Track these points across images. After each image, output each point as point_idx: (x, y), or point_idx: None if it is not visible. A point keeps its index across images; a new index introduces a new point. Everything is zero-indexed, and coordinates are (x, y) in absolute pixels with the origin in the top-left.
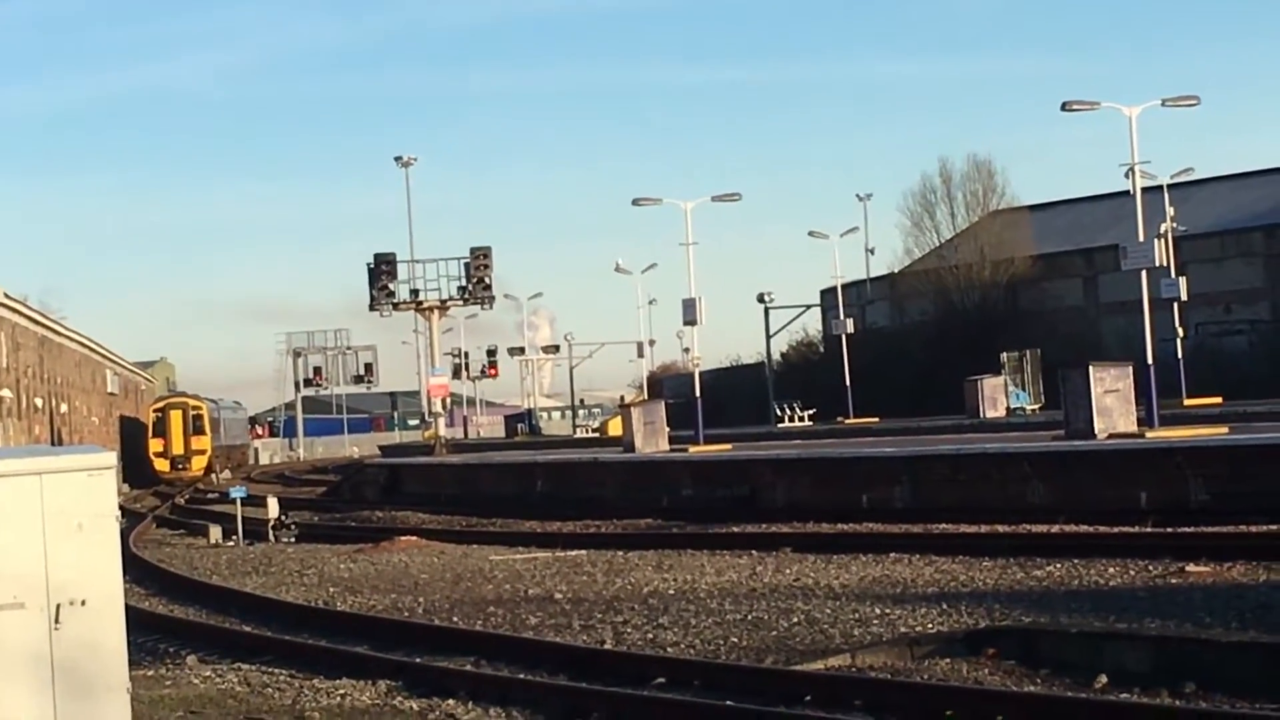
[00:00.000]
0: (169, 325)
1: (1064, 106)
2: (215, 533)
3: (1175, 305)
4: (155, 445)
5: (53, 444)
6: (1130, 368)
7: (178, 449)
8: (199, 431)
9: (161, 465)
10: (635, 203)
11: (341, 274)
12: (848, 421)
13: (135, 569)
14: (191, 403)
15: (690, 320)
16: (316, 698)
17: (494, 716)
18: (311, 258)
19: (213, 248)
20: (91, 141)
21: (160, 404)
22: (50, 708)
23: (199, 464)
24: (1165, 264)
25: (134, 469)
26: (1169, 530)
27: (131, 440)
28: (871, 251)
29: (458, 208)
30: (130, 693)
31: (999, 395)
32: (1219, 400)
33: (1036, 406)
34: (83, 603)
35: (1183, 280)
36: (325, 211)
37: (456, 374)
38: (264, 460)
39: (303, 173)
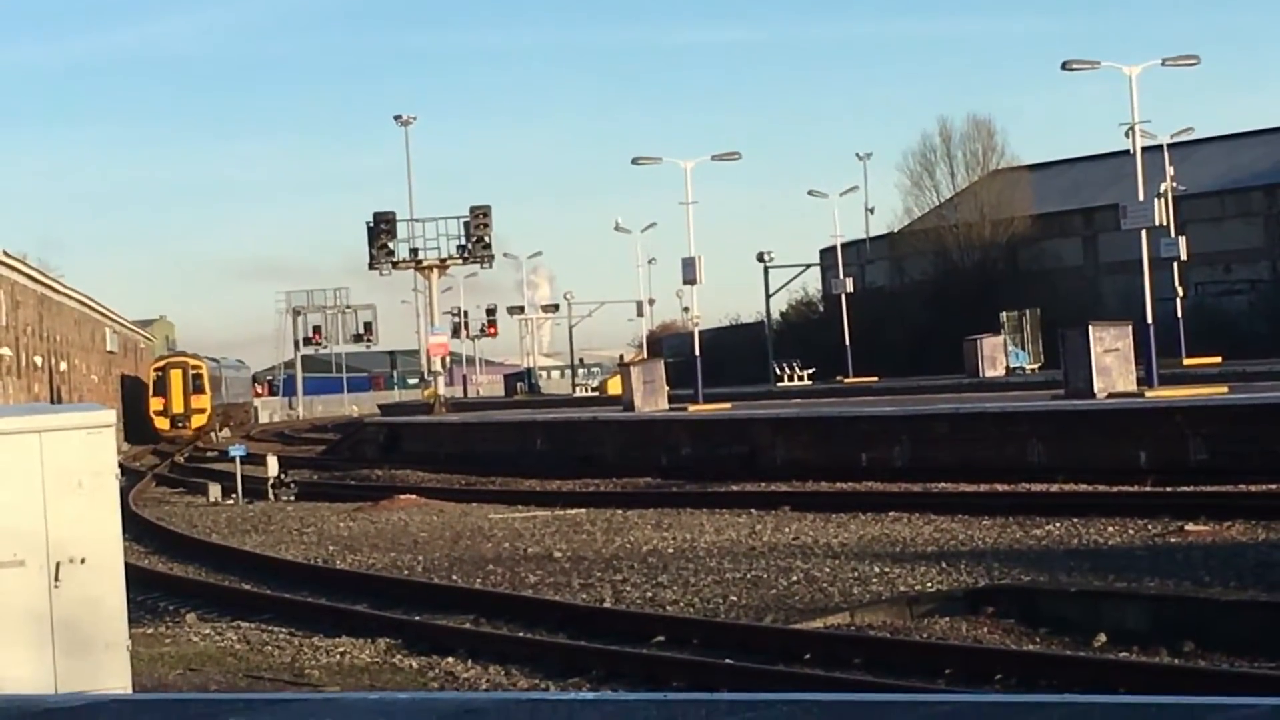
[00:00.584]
0: (168, 284)
1: (1064, 66)
2: (215, 491)
3: (1175, 265)
4: (156, 404)
5: (52, 402)
6: (1130, 327)
7: (178, 408)
8: (199, 390)
9: (162, 423)
10: (635, 161)
11: (341, 233)
12: (847, 381)
13: (135, 527)
14: (191, 362)
15: (690, 279)
16: (316, 656)
17: (493, 674)
18: (311, 216)
19: (212, 206)
20: (89, 98)
21: (161, 363)
22: (50, 665)
23: (198, 422)
24: (1165, 223)
25: (135, 427)
26: (1168, 489)
27: (132, 398)
28: (871, 211)
29: (457, 166)
30: (130, 650)
31: (998, 355)
32: (1218, 360)
33: (1036, 366)
34: (82, 560)
35: (1182, 240)
36: (325, 170)
37: (456, 333)
38: (263, 419)
39: (302, 131)
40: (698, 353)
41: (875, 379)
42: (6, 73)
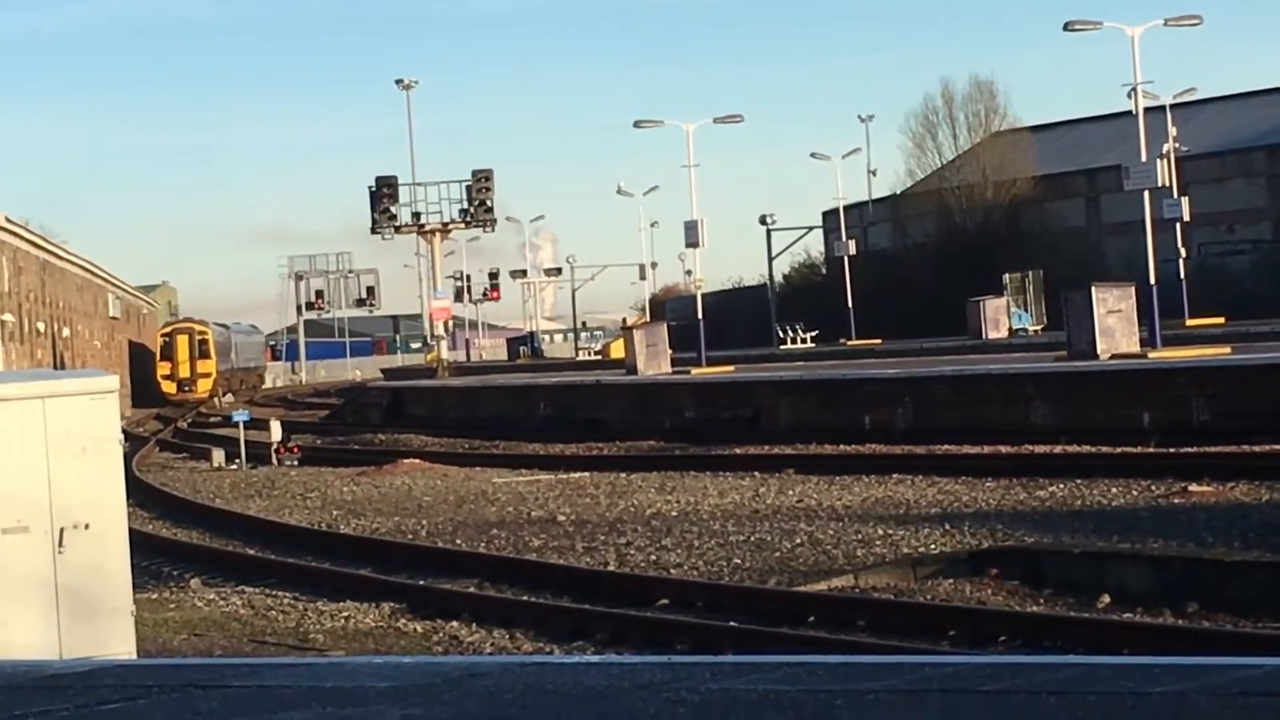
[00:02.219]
0: (170, 249)
1: (1066, 26)
2: (218, 456)
3: (1177, 225)
4: (163, 368)
5: (55, 368)
6: (1133, 288)
7: (184, 372)
8: (204, 355)
9: (169, 387)
10: (637, 125)
11: (343, 197)
12: (850, 343)
13: (138, 492)
14: (197, 328)
15: (692, 242)
16: (320, 620)
17: (498, 638)
18: (313, 181)
19: (214, 171)
20: (90, 63)
21: (168, 329)
22: (55, 630)
23: (204, 386)
24: (1167, 184)
25: (142, 392)
26: (1171, 450)
27: (139, 364)
28: (873, 173)
29: (459, 130)
30: (134, 615)
31: (1001, 316)
32: (1221, 320)
33: (1039, 327)
34: (86, 526)
35: (1185, 200)
36: (327, 134)
37: (459, 297)
38: (266, 384)
39: (303, 95)
40: (701, 316)
41: (878, 341)
42: (7, 37)
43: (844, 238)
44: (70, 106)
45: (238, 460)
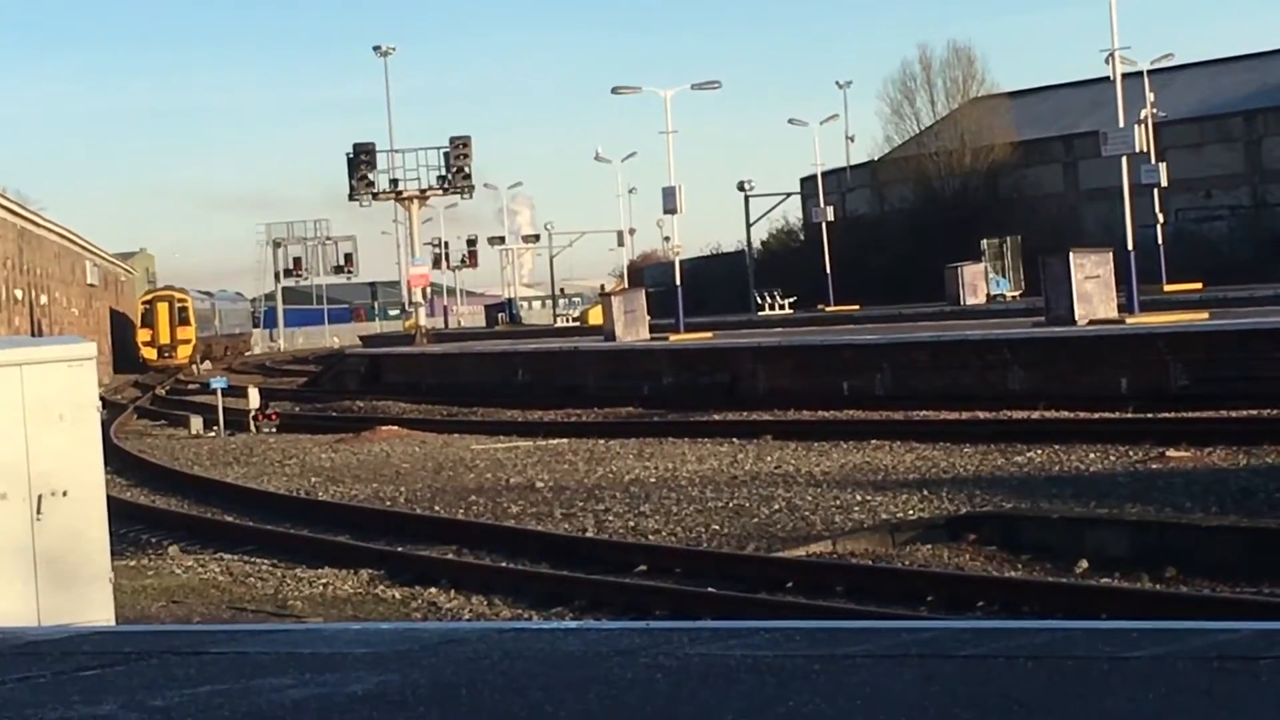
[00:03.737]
0: (147, 215)
1: None
2: (196, 423)
3: (1155, 191)
4: (143, 335)
5: (33, 335)
6: (1110, 254)
7: (164, 339)
8: (184, 322)
9: (149, 354)
10: (615, 91)
11: (321, 164)
12: (828, 309)
13: (116, 460)
14: (177, 295)
15: (670, 209)
16: (299, 587)
17: (476, 605)
18: (291, 147)
19: (191, 137)
20: (65, 27)
21: (148, 296)
22: (33, 598)
23: (184, 353)
24: (1145, 150)
25: (122, 359)
26: (1149, 415)
27: (120, 331)
28: (851, 139)
29: (437, 97)
30: (113, 582)
31: (979, 282)
32: (1199, 286)
33: (1017, 293)
34: (64, 493)
35: (1163, 166)
36: (304, 101)
37: (436, 264)
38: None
39: (281, 61)
40: (679, 282)
41: (856, 307)
42: None
43: (822, 204)
44: (44, 71)
45: (216, 427)
